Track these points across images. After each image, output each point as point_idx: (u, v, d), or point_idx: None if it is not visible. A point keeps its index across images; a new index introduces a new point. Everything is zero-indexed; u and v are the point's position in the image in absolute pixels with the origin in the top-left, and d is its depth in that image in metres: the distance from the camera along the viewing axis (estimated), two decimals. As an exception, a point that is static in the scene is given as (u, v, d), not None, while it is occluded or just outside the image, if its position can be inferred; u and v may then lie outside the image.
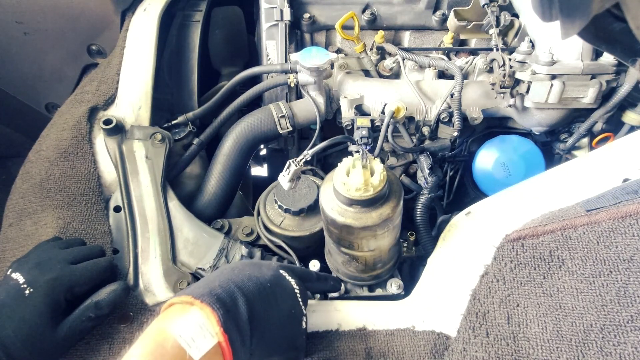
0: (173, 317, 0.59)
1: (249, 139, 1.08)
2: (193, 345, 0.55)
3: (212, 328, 0.57)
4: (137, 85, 1.09)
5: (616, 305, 0.62)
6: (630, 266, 0.63)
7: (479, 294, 0.74)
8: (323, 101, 1.11)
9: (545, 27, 1.01)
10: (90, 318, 0.76)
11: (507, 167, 1.12)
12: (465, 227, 0.85)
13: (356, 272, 0.88)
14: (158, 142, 1.03)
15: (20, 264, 0.77)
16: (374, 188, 0.70)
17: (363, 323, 0.80)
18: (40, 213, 0.93)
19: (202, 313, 0.58)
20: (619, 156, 0.81)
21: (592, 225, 0.69)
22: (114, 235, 0.95)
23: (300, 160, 0.79)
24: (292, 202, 0.95)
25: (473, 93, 1.12)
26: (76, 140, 1.01)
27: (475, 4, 1.14)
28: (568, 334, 0.64)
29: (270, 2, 1.18)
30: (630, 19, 0.54)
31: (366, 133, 1.03)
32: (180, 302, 0.60)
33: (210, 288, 0.61)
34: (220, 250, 0.94)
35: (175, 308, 0.60)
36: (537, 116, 1.11)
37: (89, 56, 1.29)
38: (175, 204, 0.99)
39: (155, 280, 0.90)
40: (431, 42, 1.28)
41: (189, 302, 0.59)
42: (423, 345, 0.76)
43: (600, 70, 1.01)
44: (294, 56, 1.03)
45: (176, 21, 1.27)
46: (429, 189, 1.03)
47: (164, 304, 0.63)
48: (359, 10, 1.22)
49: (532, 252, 0.72)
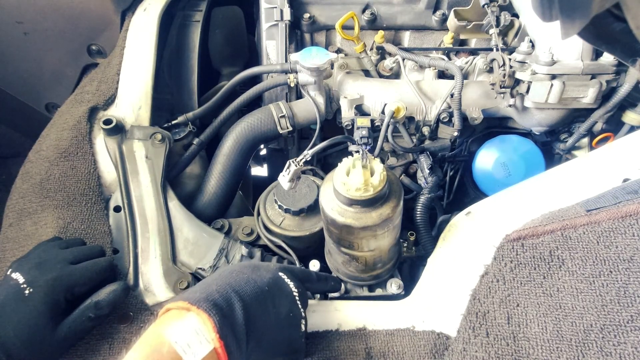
0: (169, 322, 0.59)
1: (249, 139, 1.08)
2: (189, 351, 0.55)
3: (208, 334, 0.57)
4: (137, 85, 1.09)
5: (616, 305, 0.62)
6: (630, 266, 0.63)
7: (479, 294, 0.74)
8: (323, 101, 1.11)
9: (545, 27, 1.01)
10: (90, 318, 0.76)
11: (507, 167, 1.12)
12: (465, 227, 0.85)
13: (356, 272, 0.88)
14: (158, 142, 1.03)
15: (20, 264, 0.77)
16: (374, 188, 0.70)
17: (363, 323, 0.80)
18: (40, 213, 0.93)
19: (199, 319, 0.58)
20: (619, 156, 0.81)
21: (592, 225, 0.69)
22: (114, 235, 0.95)
23: (300, 160, 0.79)
24: (292, 202, 0.95)
25: (473, 93, 1.12)
26: (76, 140, 1.01)
27: (475, 4, 1.14)
28: (568, 334, 0.64)
29: (270, 2, 1.18)
30: (630, 19, 0.54)
31: (366, 133, 1.03)
32: (176, 307, 0.61)
33: (207, 293, 0.62)
34: (220, 250, 0.94)
35: (172, 313, 0.61)
36: (537, 116, 1.11)
37: (89, 56, 1.29)
38: (175, 204, 0.99)
39: (155, 280, 0.90)
40: (431, 42, 1.27)
41: (185, 307, 0.60)
42: (423, 345, 0.76)
43: (600, 70, 1.01)
44: (294, 56, 1.03)
45: (176, 21, 1.27)
46: (429, 189, 1.03)
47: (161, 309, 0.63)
48: (359, 10, 1.22)
49: (532, 252, 0.72)
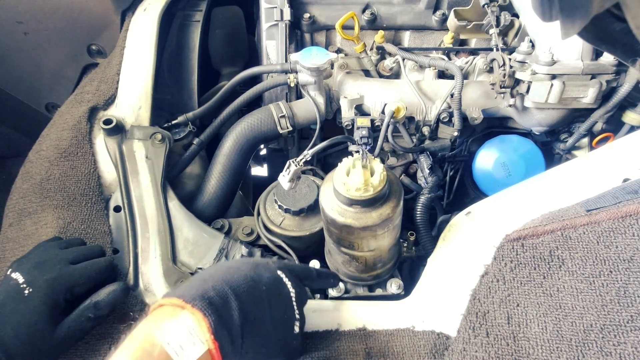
0: (162, 321, 0.56)
1: (249, 139, 1.08)
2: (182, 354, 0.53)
3: (202, 335, 0.55)
4: (137, 85, 1.09)
5: (616, 305, 0.62)
6: (630, 266, 0.63)
7: (479, 294, 0.74)
8: (323, 101, 1.11)
9: (545, 27, 1.01)
10: (89, 318, 0.75)
11: (507, 167, 1.12)
12: (465, 227, 0.85)
13: (356, 272, 0.88)
14: (158, 142, 1.03)
15: (20, 264, 0.77)
16: (374, 188, 0.70)
17: (363, 323, 0.80)
18: (40, 213, 0.93)
19: (193, 318, 0.55)
20: (619, 156, 0.81)
21: (592, 225, 0.69)
22: (114, 235, 0.94)
23: (300, 160, 0.79)
24: (292, 202, 0.95)
25: (473, 93, 1.12)
26: (76, 140, 1.01)
27: (475, 4, 1.14)
28: (568, 334, 0.64)
29: (270, 2, 1.18)
30: (630, 19, 0.54)
31: (366, 133, 1.03)
32: (170, 304, 0.57)
33: (203, 290, 0.59)
34: (220, 250, 0.94)
35: (164, 310, 0.57)
36: (537, 116, 1.11)
37: (89, 56, 1.29)
38: (175, 204, 0.99)
39: (155, 280, 0.90)
40: (431, 42, 1.27)
41: (179, 305, 0.57)
42: (423, 345, 0.76)
43: (600, 70, 1.01)
44: (294, 56, 1.03)
45: (176, 21, 1.27)
46: (429, 189, 1.03)
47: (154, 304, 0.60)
48: (359, 10, 1.22)
49: (532, 252, 0.72)
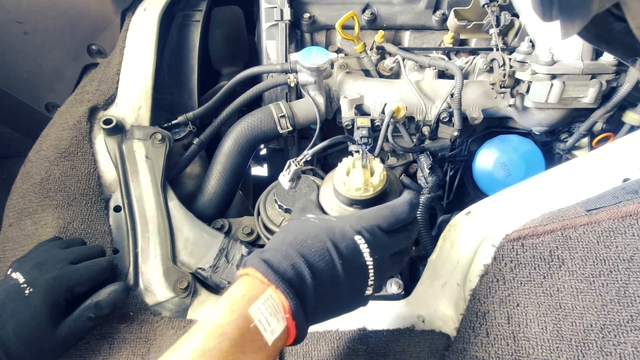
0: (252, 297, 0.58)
1: (249, 138, 1.08)
2: (268, 330, 0.56)
3: (282, 313, 0.58)
4: (137, 85, 1.09)
5: (616, 305, 0.62)
6: (630, 266, 0.63)
7: (479, 294, 0.74)
8: (323, 101, 1.11)
9: (545, 27, 1.01)
10: (90, 318, 0.76)
11: (507, 167, 1.12)
12: (465, 227, 0.85)
13: (356, 272, 0.88)
14: (158, 142, 1.03)
15: (20, 264, 0.77)
16: (374, 188, 0.70)
17: (363, 323, 0.80)
18: (40, 213, 0.93)
19: (276, 297, 0.58)
20: (619, 156, 0.81)
21: (592, 225, 0.69)
22: (114, 235, 0.95)
23: (300, 160, 0.79)
24: (292, 202, 0.95)
25: (473, 93, 1.12)
26: (76, 140, 1.01)
27: (475, 4, 1.14)
28: (568, 333, 0.64)
29: (270, 2, 1.18)
30: (630, 19, 0.54)
31: (366, 133, 1.03)
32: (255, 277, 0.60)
33: (283, 269, 0.60)
34: (221, 250, 0.94)
35: (250, 283, 0.60)
36: (537, 116, 1.11)
37: (89, 56, 1.29)
38: (175, 204, 0.99)
39: (155, 280, 0.90)
40: (431, 42, 1.27)
41: (265, 282, 0.59)
42: (423, 345, 0.76)
43: (600, 70, 1.01)
44: (294, 56, 1.03)
45: (176, 21, 1.27)
46: (429, 189, 1.03)
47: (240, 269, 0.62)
48: (359, 10, 1.22)
49: (532, 252, 0.72)
